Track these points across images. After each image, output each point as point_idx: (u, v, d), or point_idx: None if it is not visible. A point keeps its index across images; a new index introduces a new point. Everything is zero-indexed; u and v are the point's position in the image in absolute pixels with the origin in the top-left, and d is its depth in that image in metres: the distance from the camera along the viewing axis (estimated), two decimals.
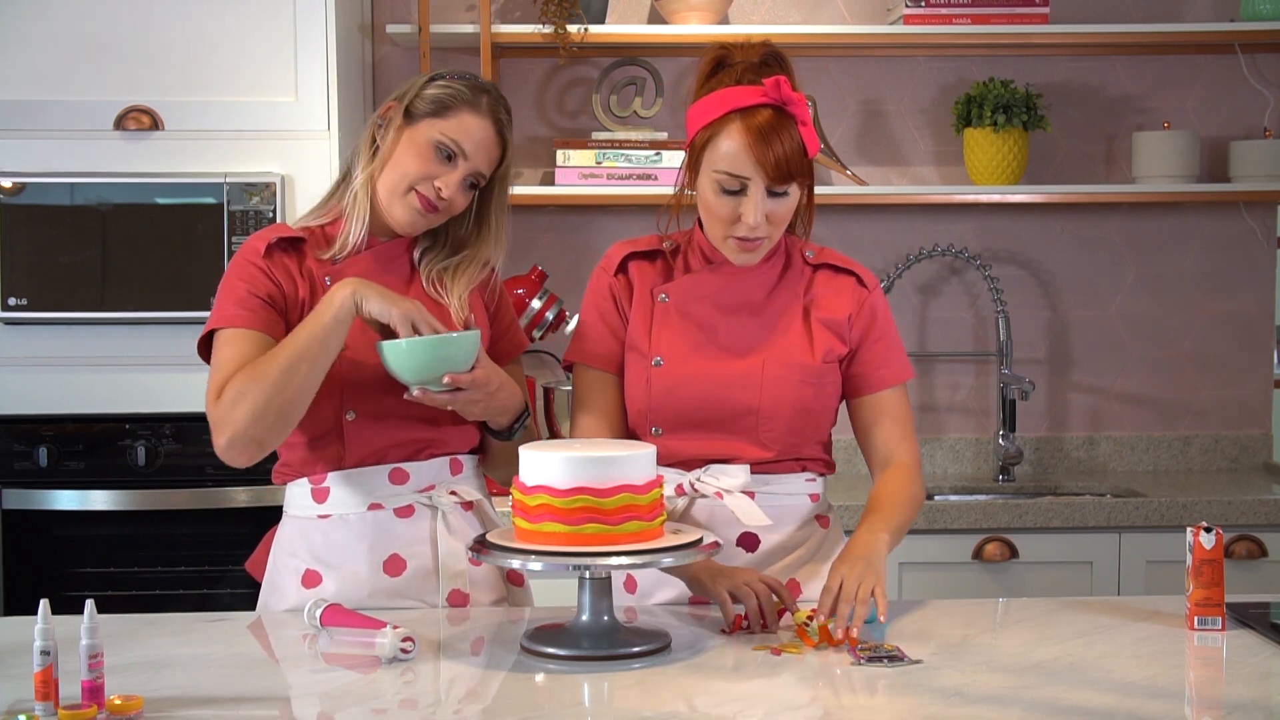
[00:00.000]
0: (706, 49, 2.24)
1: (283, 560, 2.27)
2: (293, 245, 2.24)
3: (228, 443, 2.11)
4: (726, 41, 2.22)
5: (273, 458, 2.25)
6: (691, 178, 2.22)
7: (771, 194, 2.14)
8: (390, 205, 2.23)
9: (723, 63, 2.20)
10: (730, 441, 2.22)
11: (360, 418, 2.20)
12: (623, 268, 2.30)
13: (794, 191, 2.16)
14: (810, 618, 2.04)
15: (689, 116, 2.21)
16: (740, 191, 2.14)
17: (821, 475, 2.32)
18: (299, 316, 2.19)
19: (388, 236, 2.28)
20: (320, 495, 2.23)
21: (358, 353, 2.20)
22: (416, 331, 2.09)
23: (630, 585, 2.28)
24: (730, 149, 2.12)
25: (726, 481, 2.20)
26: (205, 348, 2.22)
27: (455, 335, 2.09)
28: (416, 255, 2.30)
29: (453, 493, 2.26)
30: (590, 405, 2.28)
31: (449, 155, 2.20)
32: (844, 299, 2.27)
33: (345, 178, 2.28)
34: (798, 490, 2.27)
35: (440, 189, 2.20)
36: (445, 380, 2.09)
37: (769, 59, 2.20)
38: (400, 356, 2.08)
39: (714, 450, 2.23)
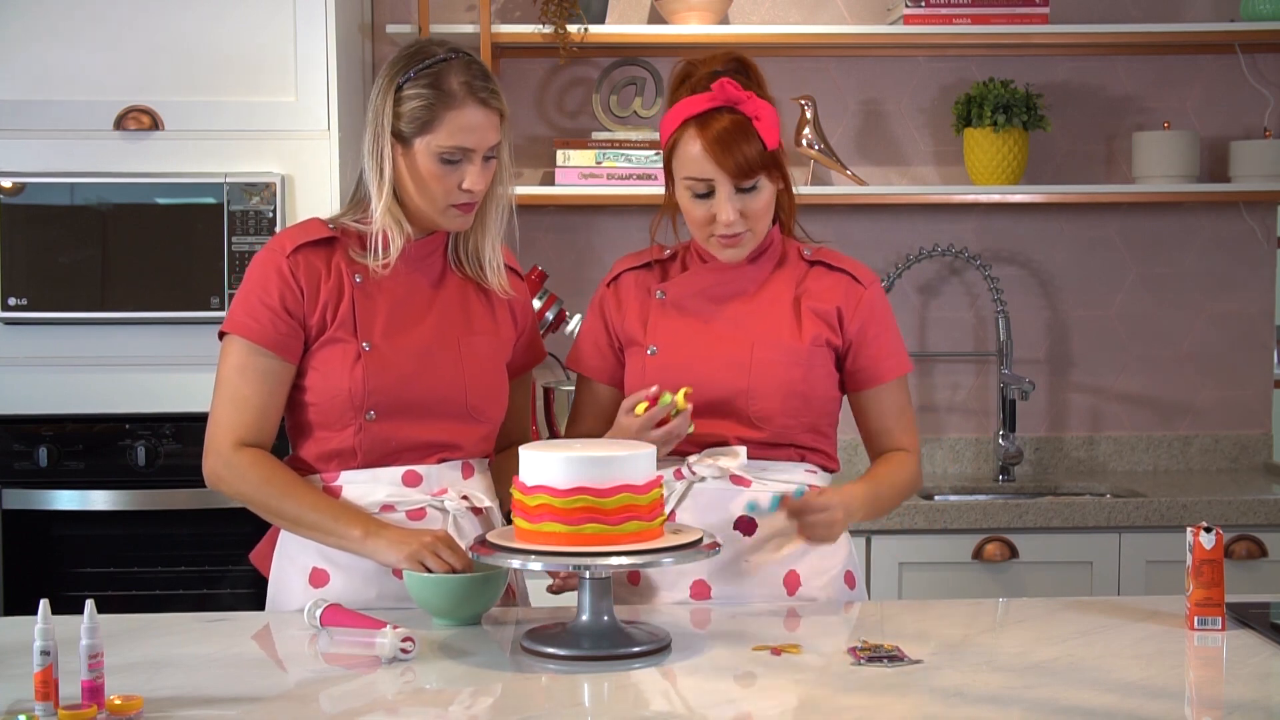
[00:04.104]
0: (678, 63, 2.33)
1: (290, 557, 2.27)
2: (324, 242, 2.25)
3: (210, 481, 2.24)
4: (695, 59, 2.31)
5: (284, 452, 2.25)
6: (671, 186, 2.31)
7: (740, 190, 2.23)
8: (434, 221, 2.25)
9: (687, 76, 2.30)
10: (723, 423, 2.27)
11: (379, 418, 2.21)
12: (616, 278, 2.41)
13: (764, 185, 2.24)
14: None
15: (660, 129, 2.32)
16: (709, 194, 2.23)
17: (825, 470, 2.34)
18: (320, 316, 2.21)
19: (422, 232, 2.28)
20: (332, 494, 2.23)
21: (382, 355, 2.20)
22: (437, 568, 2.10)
23: (634, 578, 2.30)
24: (690, 155, 2.23)
25: (724, 463, 2.25)
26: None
27: (474, 577, 2.08)
28: (449, 243, 2.32)
29: (464, 497, 2.27)
30: (574, 414, 2.41)
31: (458, 159, 2.20)
32: (836, 293, 2.33)
33: (358, 188, 2.28)
34: (796, 479, 2.29)
35: (469, 187, 2.21)
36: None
37: (729, 66, 2.27)
38: (417, 590, 2.10)
39: (708, 430, 2.27)
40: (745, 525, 2.26)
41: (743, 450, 2.25)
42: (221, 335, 2.24)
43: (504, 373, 2.34)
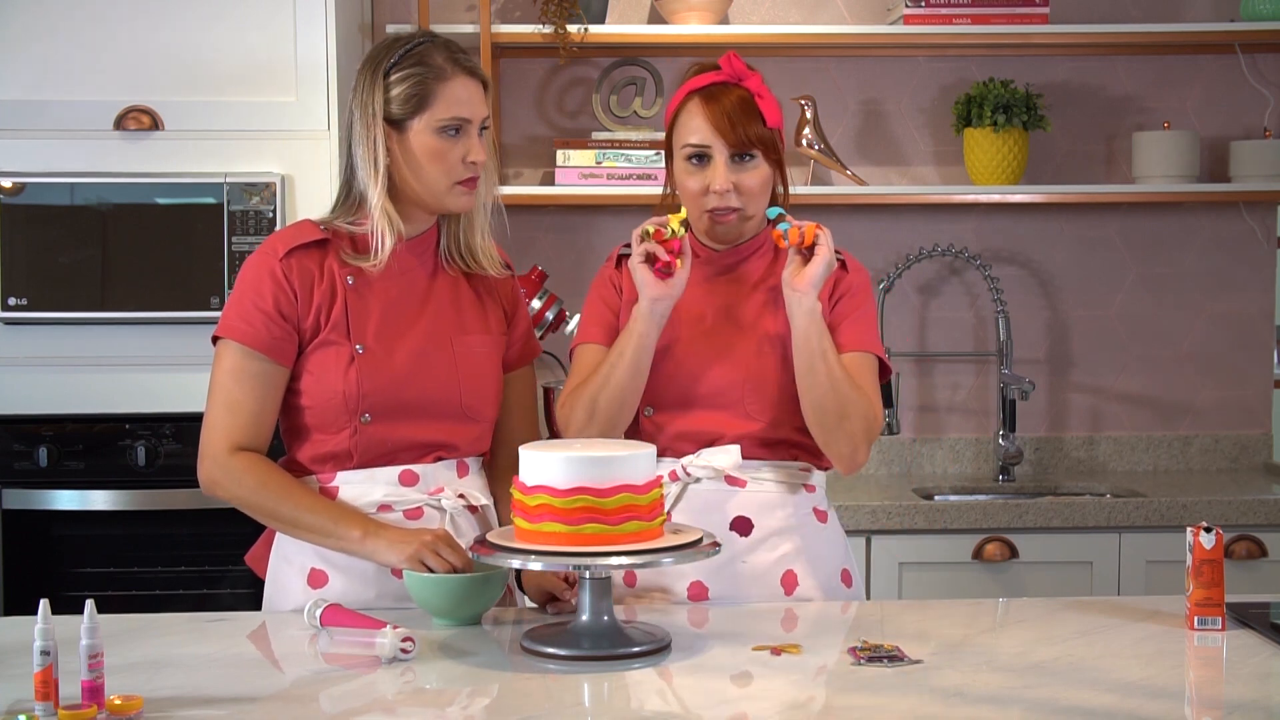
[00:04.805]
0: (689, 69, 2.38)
1: (287, 559, 2.27)
2: (316, 245, 2.25)
3: (206, 486, 2.22)
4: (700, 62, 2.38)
5: (278, 455, 2.25)
6: (671, 173, 2.35)
7: (736, 162, 2.26)
8: (440, 203, 2.24)
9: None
10: (718, 415, 2.28)
11: (375, 420, 2.21)
12: (619, 263, 2.40)
13: (760, 163, 2.27)
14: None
15: (665, 116, 2.36)
16: (706, 163, 2.26)
17: (820, 469, 2.33)
18: (314, 318, 2.21)
19: (412, 231, 2.28)
20: (328, 495, 2.23)
21: (375, 357, 2.20)
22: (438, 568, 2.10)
23: (630, 578, 2.30)
24: (691, 123, 2.28)
25: (720, 461, 2.25)
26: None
27: (474, 577, 2.08)
28: (442, 239, 2.32)
29: (460, 495, 2.26)
30: (575, 379, 2.33)
31: (456, 129, 2.21)
32: (827, 282, 2.31)
33: (349, 189, 2.27)
34: (791, 479, 2.30)
35: (473, 160, 2.22)
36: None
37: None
38: (418, 590, 2.10)
39: (705, 425, 2.28)
40: (741, 525, 2.27)
41: (736, 449, 2.25)
42: (214, 340, 2.24)
43: (499, 371, 2.34)
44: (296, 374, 2.23)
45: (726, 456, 2.25)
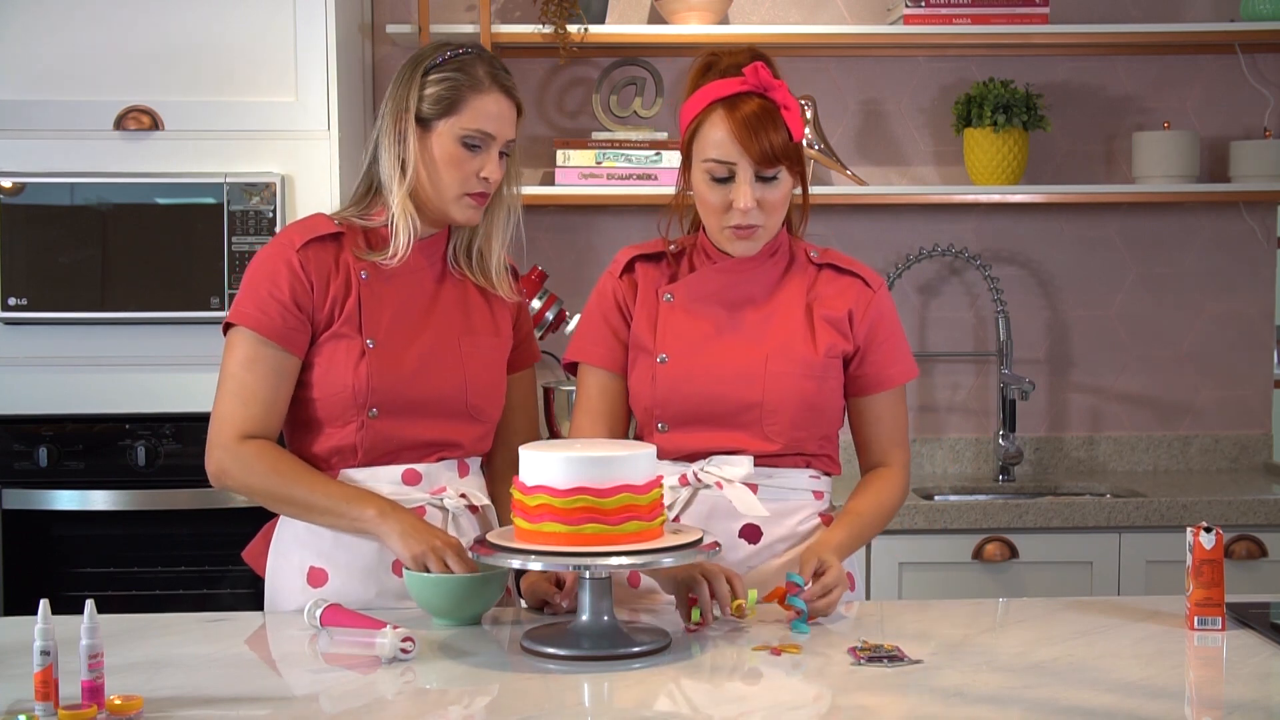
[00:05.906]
0: (698, 55, 2.29)
1: (285, 556, 2.27)
2: (331, 238, 2.25)
3: (215, 477, 2.21)
4: (716, 50, 2.28)
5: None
6: (686, 175, 2.27)
7: (761, 179, 2.18)
8: (446, 211, 2.25)
9: (711, 66, 2.26)
10: (734, 435, 2.24)
11: (381, 416, 2.21)
12: (628, 269, 2.34)
13: (784, 178, 2.20)
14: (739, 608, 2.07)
15: (680, 116, 2.28)
16: (729, 179, 2.19)
17: (827, 474, 2.33)
18: (329, 311, 2.21)
19: (424, 232, 2.28)
20: None
21: (385, 353, 2.20)
22: (441, 568, 2.10)
23: (634, 579, 2.29)
24: (715, 137, 2.18)
25: (729, 471, 2.22)
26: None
27: (474, 577, 2.07)
28: (450, 244, 2.32)
29: (462, 495, 2.26)
30: (586, 407, 2.31)
31: (478, 142, 2.21)
32: (847, 297, 2.29)
33: (370, 184, 2.28)
34: (801, 485, 2.28)
35: (486, 176, 2.23)
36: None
37: (755, 58, 2.24)
38: (418, 590, 2.09)
39: (719, 444, 2.24)
40: (750, 533, 2.25)
41: (748, 459, 2.23)
42: (225, 329, 2.23)
43: (504, 372, 2.34)
44: (305, 365, 2.23)
45: (738, 467, 2.23)
